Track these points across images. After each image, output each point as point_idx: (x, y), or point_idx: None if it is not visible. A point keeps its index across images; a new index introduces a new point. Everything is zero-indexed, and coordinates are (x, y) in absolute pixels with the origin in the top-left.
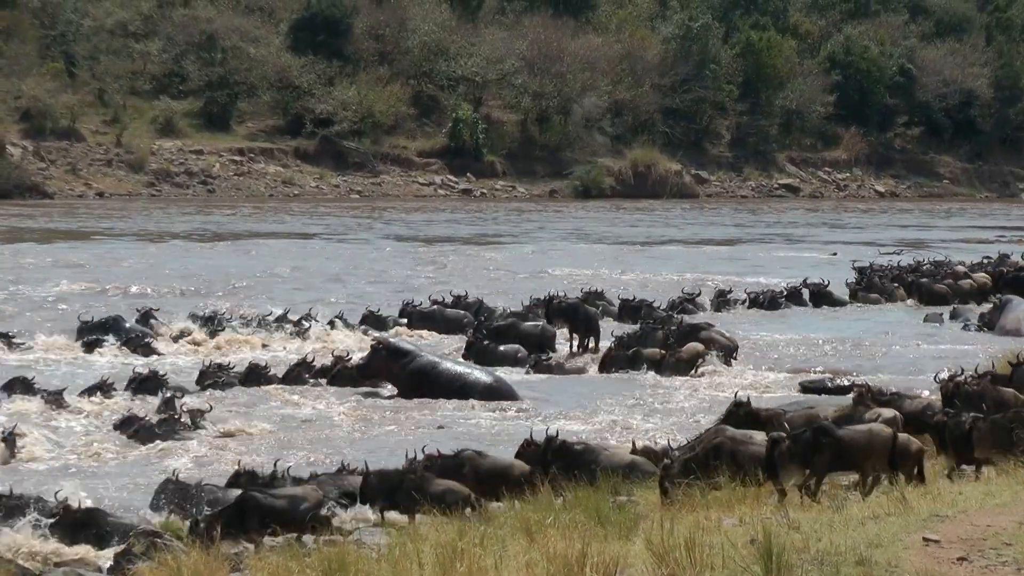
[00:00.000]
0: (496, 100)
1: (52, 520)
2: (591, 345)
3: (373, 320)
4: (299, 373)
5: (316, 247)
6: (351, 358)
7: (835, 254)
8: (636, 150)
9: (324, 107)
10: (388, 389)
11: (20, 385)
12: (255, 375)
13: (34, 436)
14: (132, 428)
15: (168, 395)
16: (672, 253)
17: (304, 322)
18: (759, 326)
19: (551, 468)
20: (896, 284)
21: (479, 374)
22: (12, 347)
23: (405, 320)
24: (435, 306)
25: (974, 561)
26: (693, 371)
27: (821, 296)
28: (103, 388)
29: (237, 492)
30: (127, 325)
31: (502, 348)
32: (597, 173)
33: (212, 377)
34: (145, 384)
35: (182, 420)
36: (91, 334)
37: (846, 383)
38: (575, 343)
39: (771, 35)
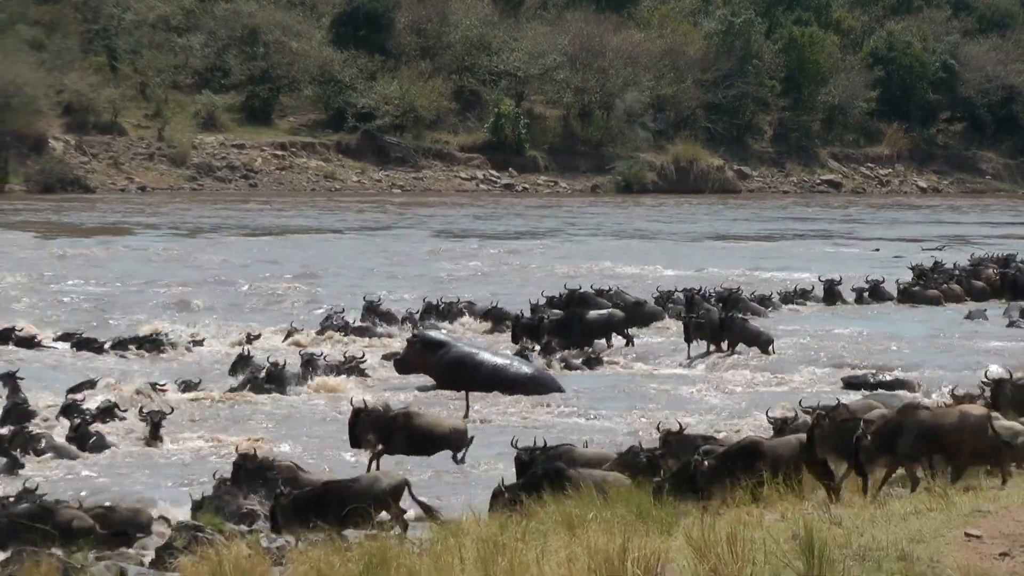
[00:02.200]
0: (538, 95)
1: None
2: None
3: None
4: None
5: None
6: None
7: (877, 250)
8: (678, 145)
9: (366, 101)
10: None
11: None
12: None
13: None
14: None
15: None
16: (714, 248)
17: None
18: (802, 322)
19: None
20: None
21: (520, 365)
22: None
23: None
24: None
25: (1016, 556)
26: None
27: (832, 295)
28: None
29: None
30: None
31: None
32: (639, 168)
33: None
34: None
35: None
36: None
37: (889, 378)
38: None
39: (813, 30)
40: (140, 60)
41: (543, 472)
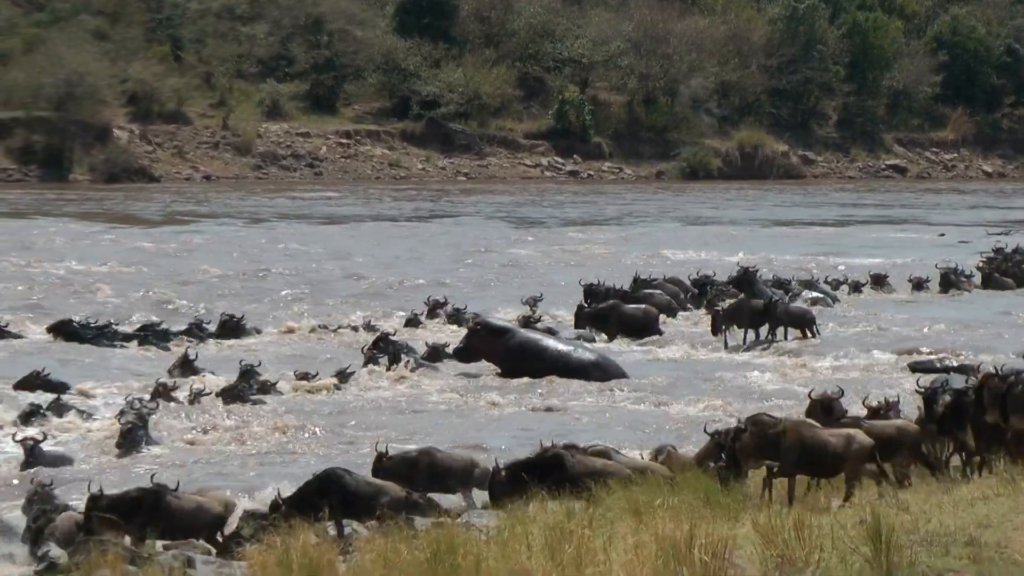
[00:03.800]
0: (602, 81)
1: None
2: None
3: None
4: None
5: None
6: None
7: (943, 235)
8: (743, 131)
9: (430, 89)
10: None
11: None
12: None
13: None
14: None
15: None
16: (784, 235)
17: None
18: (869, 308)
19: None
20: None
21: (584, 351)
22: None
23: None
24: None
25: None
26: None
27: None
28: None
29: None
30: None
31: None
32: (704, 154)
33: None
34: None
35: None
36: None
37: (955, 363)
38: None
39: (878, 15)
40: (204, 49)
41: (316, 484)
